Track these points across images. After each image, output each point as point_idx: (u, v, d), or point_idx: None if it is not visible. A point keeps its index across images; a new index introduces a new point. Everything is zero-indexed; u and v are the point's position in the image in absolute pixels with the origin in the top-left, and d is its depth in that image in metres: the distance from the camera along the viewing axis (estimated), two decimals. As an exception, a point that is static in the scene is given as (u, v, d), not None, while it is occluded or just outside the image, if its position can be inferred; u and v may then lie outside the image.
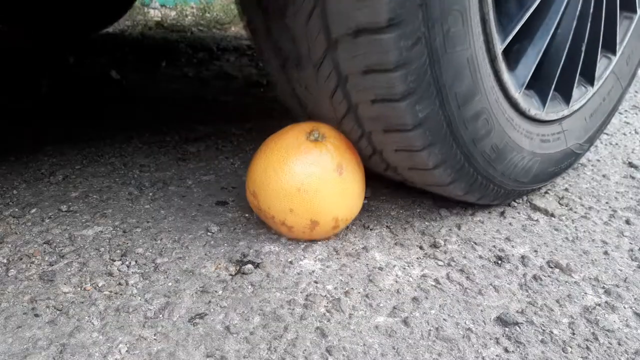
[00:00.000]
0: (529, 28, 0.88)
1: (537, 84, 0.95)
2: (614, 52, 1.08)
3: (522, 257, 0.89)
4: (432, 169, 0.83)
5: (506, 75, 0.84)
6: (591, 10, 0.95)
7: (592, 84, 1.06)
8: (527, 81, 0.89)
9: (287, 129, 0.87)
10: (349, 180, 0.84)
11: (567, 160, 1.10)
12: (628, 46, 1.12)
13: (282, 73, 0.87)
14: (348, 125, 0.84)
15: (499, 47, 0.80)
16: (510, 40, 0.82)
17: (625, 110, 1.80)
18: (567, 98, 1.02)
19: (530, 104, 0.93)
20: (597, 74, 1.05)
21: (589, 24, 0.96)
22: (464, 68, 0.74)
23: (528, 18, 0.82)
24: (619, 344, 0.70)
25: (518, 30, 0.82)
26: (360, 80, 0.70)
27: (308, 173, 0.81)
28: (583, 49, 0.97)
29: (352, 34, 0.64)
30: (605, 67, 1.09)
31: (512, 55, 0.88)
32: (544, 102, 0.95)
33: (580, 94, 1.06)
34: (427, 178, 0.88)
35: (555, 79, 0.95)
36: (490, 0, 0.75)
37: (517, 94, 0.88)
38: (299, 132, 0.85)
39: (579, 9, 0.92)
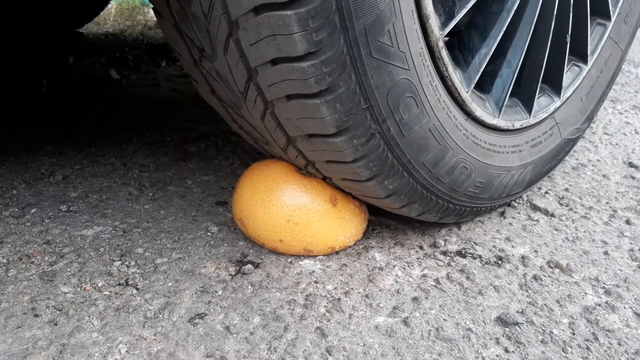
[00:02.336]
0: (502, 47, 0.84)
1: (519, 92, 0.92)
2: (608, 18, 1.01)
3: (522, 257, 0.89)
4: (418, 216, 0.87)
5: (478, 111, 0.81)
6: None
7: (585, 61, 1.00)
8: (504, 105, 0.85)
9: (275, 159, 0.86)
10: (344, 210, 0.82)
11: (565, 150, 1.06)
12: (625, 4, 1.04)
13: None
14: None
15: (465, 91, 0.77)
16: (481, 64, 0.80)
17: (626, 110, 1.80)
18: (557, 90, 0.96)
19: (512, 116, 0.90)
20: (589, 48, 0.99)
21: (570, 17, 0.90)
22: (427, 139, 0.74)
23: (495, 49, 0.80)
24: (619, 344, 0.70)
25: (489, 54, 0.80)
26: (324, 166, 0.75)
27: (298, 205, 0.79)
28: (568, 39, 0.91)
29: (306, 137, 0.70)
30: (599, 36, 1.01)
31: (482, 77, 0.84)
32: (529, 109, 0.92)
33: (573, 77, 0.99)
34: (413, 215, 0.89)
35: (538, 84, 0.90)
36: (449, 64, 0.73)
37: (494, 120, 0.84)
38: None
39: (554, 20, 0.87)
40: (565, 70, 0.95)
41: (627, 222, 1.03)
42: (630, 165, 1.32)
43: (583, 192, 1.16)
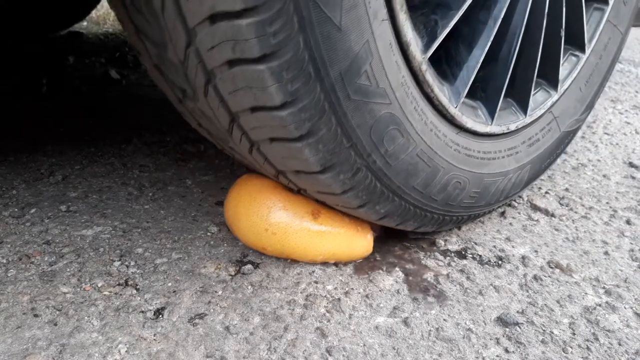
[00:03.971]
0: (492, 52, 0.81)
1: (513, 92, 0.88)
2: (605, 2, 0.96)
3: (523, 257, 0.89)
4: (414, 229, 0.87)
5: (469, 123, 0.79)
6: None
7: (582, 50, 0.95)
8: (497, 110, 0.82)
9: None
10: (329, 224, 0.81)
11: (564, 142, 1.03)
12: None
13: None
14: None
15: (453, 107, 0.76)
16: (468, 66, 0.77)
17: (626, 110, 1.80)
18: (553, 83, 0.92)
19: (507, 119, 0.86)
20: (587, 36, 0.94)
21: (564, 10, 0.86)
22: (416, 164, 0.74)
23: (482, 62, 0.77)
24: (620, 344, 0.70)
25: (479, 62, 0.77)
26: (316, 195, 0.76)
27: (276, 216, 0.80)
28: (562, 34, 0.88)
29: (293, 172, 0.71)
30: (597, 21, 0.96)
31: (473, 84, 0.81)
32: (524, 108, 0.88)
33: (571, 67, 0.95)
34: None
35: (533, 81, 0.87)
36: (435, 84, 0.71)
37: (488, 128, 0.82)
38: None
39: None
40: (561, 63, 0.92)
41: (628, 222, 1.03)
42: (631, 165, 1.32)
43: (583, 192, 1.15)
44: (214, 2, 0.52)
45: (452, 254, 0.89)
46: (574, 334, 0.72)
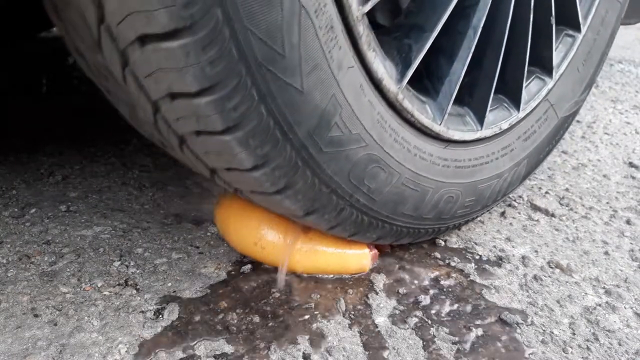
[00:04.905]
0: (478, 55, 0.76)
1: (504, 88, 0.83)
2: None
3: (523, 257, 0.89)
4: (411, 242, 0.87)
5: (457, 134, 0.76)
6: None
7: (578, 29, 0.88)
8: (486, 114, 0.79)
9: None
10: (319, 240, 0.80)
11: (564, 128, 0.97)
12: None
13: None
14: None
15: (438, 124, 0.73)
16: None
17: (626, 110, 1.80)
18: (548, 70, 0.87)
19: (498, 118, 0.82)
20: (582, 13, 0.88)
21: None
22: (402, 192, 0.74)
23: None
24: (620, 344, 0.70)
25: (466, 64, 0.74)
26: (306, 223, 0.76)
27: (265, 232, 0.79)
28: (553, 21, 0.82)
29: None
30: None
31: (459, 90, 0.77)
32: (516, 104, 0.83)
33: (566, 49, 0.89)
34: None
35: (524, 74, 0.82)
36: (415, 109, 0.69)
37: (478, 134, 0.79)
38: None
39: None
40: (555, 47, 0.86)
41: (628, 222, 1.03)
42: (631, 165, 1.32)
43: (583, 192, 1.15)
44: (169, 84, 0.51)
45: (452, 254, 0.89)
46: (574, 334, 0.72)
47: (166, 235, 0.90)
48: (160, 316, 0.71)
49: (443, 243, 0.92)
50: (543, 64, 0.87)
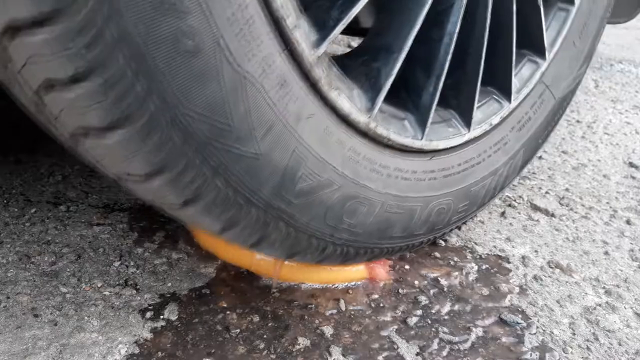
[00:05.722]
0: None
1: (491, 79, 0.77)
2: None
3: (523, 257, 0.89)
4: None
5: (442, 143, 0.72)
6: None
7: (571, 1, 0.83)
8: (473, 114, 0.74)
9: None
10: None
11: (562, 107, 0.90)
12: None
13: None
14: None
15: (419, 139, 0.68)
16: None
17: (626, 110, 1.80)
18: (540, 51, 0.81)
19: (488, 113, 0.77)
20: None
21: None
22: (387, 218, 0.71)
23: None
24: (620, 344, 0.70)
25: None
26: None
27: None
28: (540, 2, 0.77)
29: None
30: None
31: (443, 91, 0.71)
32: (507, 94, 0.78)
33: (559, 25, 0.83)
34: None
35: (512, 62, 0.76)
36: (392, 131, 0.65)
37: (466, 137, 0.74)
38: None
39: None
40: (546, 26, 0.80)
41: (628, 222, 1.03)
42: (631, 165, 1.32)
43: (583, 192, 1.15)
44: (117, 171, 0.52)
45: (452, 254, 0.89)
46: (574, 334, 0.72)
47: (167, 235, 0.90)
48: (161, 316, 0.71)
49: (443, 243, 0.92)
50: (534, 45, 0.81)
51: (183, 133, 0.48)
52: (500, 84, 0.78)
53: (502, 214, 1.04)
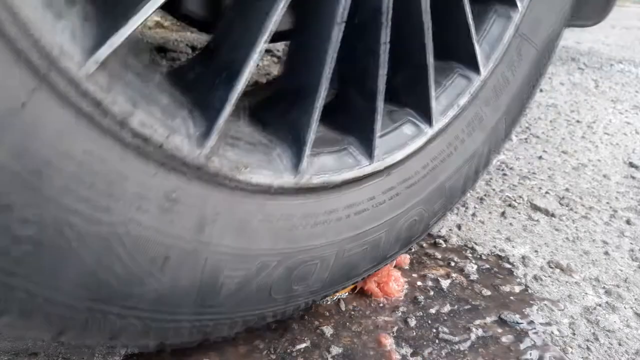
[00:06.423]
0: None
1: (456, 51, 0.65)
2: None
3: (523, 257, 0.89)
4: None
5: (399, 154, 0.61)
6: None
7: None
8: (433, 106, 0.62)
9: None
10: None
11: (547, 56, 0.76)
12: None
13: None
14: None
15: (369, 165, 0.58)
16: None
17: (626, 110, 1.80)
18: (511, 1, 0.68)
19: (452, 93, 0.65)
20: None
21: None
22: (348, 262, 0.63)
23: None
24: (620, 344, 0.70)
25: None
26: None
27: None
28: None
29: None
30: None
31: (395, 88, 0.62)
32: (475, 67, 0.66)
33: None
34: None
35: (471, 29, 0.64)
36: (332, 171, 0.55)
37: (429, 134, 0.62)
38: None
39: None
40: None
41: (628, 222, 1.03)
42: (631, 165, 1.32)
43: (583, 192, 1.15)
44: None
45: (452, 254, 0.89)
46: (574, 334, 0.72)
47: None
48: (161, 316, 0.71)
49: (443, 243, 0.92)
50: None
51: None
52: (463, 53, 0.65)
53: (502, 214, 1.04)
